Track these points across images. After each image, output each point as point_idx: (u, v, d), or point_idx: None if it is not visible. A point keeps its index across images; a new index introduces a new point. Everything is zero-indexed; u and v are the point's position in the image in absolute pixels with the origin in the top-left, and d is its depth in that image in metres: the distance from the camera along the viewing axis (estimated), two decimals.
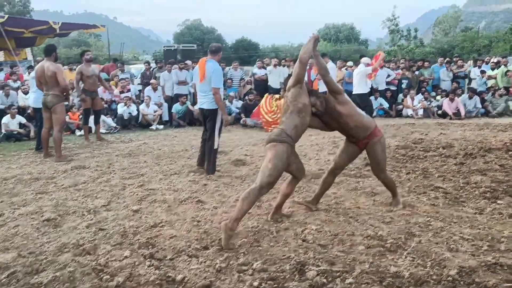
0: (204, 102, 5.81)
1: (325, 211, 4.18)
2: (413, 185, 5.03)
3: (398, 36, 46.89)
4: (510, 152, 6.56)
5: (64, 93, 6.83)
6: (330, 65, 10.11)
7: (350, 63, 12.65)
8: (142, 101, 10.78)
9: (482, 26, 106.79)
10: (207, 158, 5.81)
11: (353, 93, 9.83)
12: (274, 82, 11.58)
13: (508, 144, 7.23)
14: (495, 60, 13.74)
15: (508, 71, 12.44)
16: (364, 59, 10.12)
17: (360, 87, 9.83)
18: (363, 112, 4.14)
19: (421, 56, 32.24)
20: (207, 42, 53.44)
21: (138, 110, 10.47)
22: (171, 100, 11.01)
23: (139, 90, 11.75)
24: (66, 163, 6.53)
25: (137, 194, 4.89)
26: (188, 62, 11.78)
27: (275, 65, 11.74)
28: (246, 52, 50.15)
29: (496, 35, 46.55)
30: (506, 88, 12.14)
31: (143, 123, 10.38)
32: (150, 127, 10.18)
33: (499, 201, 4.35)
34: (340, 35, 56.13)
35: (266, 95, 10.44)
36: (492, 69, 12.98)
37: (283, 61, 12.18)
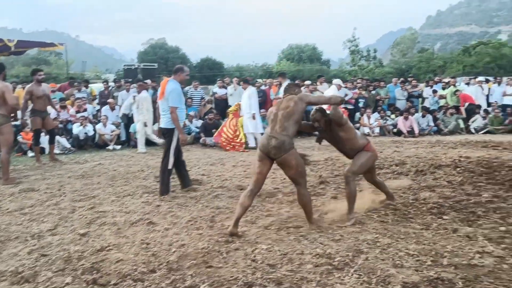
0: (163, 121, 5.82)
1: (276, 230, 4.18)
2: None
3: (358, 56, 48.29)
4: (458, 169, 6.80)
5: (12, 114, 6.61)
6: (252, 90, 10.30)
7: (307, 82, 12.91)
8: (100, 121, 10.56)
9: (437, 47, 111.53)
10: (161, 178, 5.74)
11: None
12: (234, 101, 11.60)
13: (456, 161, 7.51)
14: (446, 80, 14.35)
15: (457, 90, 13.00)
16: (336, 81, 10.14)
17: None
18: (359, 134, 4.80)
19: (380, 76, 33.28)
20: (171, 61, 53.07)
21: (95, 130, 10.25)
22: (128, 119, 10.80)
23: (97, 110, 11.52)
24: (14, 186, 6.27)
25: (86, 217, 4.75)
26: (148, 81, 11.67)
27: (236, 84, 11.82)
28: (210, 71, 50.26)
29: (450, 56, 48.63)
30: (457, 107, 12.69)
31: (100, 143, 10.15)
32: (107, 147, 9.97)
33: (444, 217, 4.48)
34: (303, 55, 57.15)
35: (231, 115, 10.44)
36: (443, 88, 13.55)
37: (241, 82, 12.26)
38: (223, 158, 8.60)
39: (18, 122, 8.86)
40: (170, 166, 5.73)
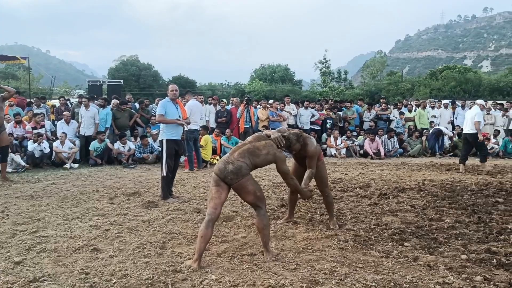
0: None
1: (229, 258, 3.92)
2: (325, 227, 4.92)
3: (329, 78, 49.04)
4: (421, 192, 6.74)
5: None
6: (192, 102, 9.92)
7: (271, 101, 12.83)
8: (58, 138, 10.11)
9: (406, 71, 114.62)
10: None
11: (464, 132, 9.70)
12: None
13: (420, 184, 7.46)
14: (414, 103, 14.51)
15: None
16: (479, 101, 10.02)
17: (473, 126, 9.35)
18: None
19: (350, 97, 33.85)
20: (143, 78, 52.82)
21: (51, 147, 9.78)
22: (87, 137, 10.42)
23: (55, 126, 11.05)
24: None
25: (25, 243, 4.36)
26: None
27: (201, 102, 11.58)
28: (183, 90, 50.00)
29: (417, 79, 49.93)
30: (422, 130, 12.82)
31: (57, 162, 9.68)
32: (64, 166, 9.50)
33: (406, 243, 4.32)
34: (275, 75, 57.62)
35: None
36: (409, 111, 13.68)
37: (209, 99, 12.05)
38: (185, 178, 8.29)
39: None
40: (164, 173, 6.43)
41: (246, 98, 11.05)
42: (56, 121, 11.14)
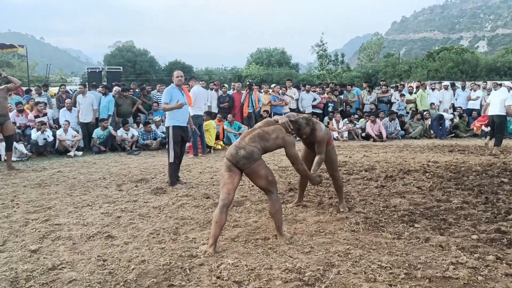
0: None
1: (243, 242, 3.96)
2: (335, 210, 4.97)
3: (326, 61, 48.71)
4: (427, 174, 6.78)
5: None
6: (196, 88, 9.64)
7: (273, 85, 12.84)
8: (61, 126, 10.09)
9: (402, 52, 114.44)
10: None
11: (491, 114, 9.67)
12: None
13: (425, 165, 7.51)
14: (414, 85, 14.52)
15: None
16: (507, 83, 10.11)
17: (501, 108, 9.45)
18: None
19: (348, 80, 33.77)
20: (139, 64, 52.43)
21: (55, 135, 9.76)
22: (88, 125, 10.42)
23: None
24: None
25: (39, 231, 4.39)
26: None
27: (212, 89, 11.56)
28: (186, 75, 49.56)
29: (414, 61, 49.71)
30: (423, 112, 12.83)
31: (61, 150, 9.68)
32: (68, 154, 9.50)
33: (416, 225, 4.38)
34: (272, 59, 57.29)
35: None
36: (410, 93, 13.69)
37: (210, 84, 12.01)
38: (190, 164, 8.32)
39: None
40: (171, 159, 6.39)
41: (248, 83, 11.04)
42: (58, 109, 11.13)
